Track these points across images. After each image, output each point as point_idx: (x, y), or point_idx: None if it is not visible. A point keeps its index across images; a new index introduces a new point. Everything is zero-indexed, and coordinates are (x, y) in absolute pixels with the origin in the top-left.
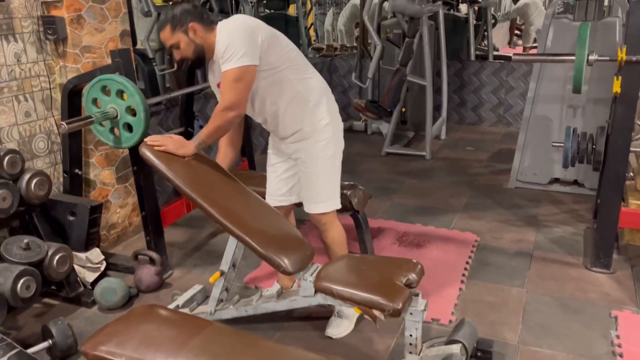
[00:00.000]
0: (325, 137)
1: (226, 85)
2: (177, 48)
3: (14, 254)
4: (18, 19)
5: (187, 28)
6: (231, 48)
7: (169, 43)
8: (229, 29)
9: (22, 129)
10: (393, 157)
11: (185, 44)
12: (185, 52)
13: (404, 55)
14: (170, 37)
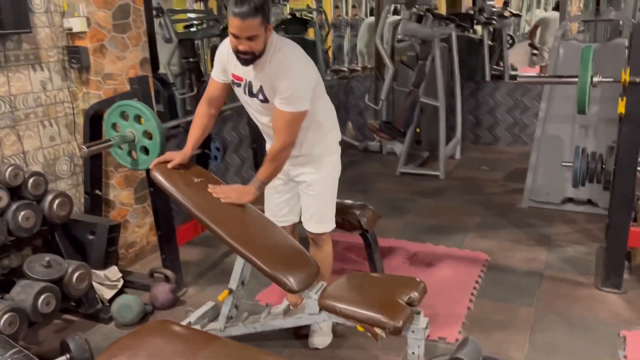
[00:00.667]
0: (332, 161)
1: (283, 126)
2: (252, 40)
3: (35, 272)
4: (44, 49)
5: (267, 25)
6: (296, 92)
7: (251, 33)
8: (298, 68)
9: (46, 152)
10: (407, 177)
11: (261, 40)
12: (257, 47)
13: (417, 77)
14: (255, 29)
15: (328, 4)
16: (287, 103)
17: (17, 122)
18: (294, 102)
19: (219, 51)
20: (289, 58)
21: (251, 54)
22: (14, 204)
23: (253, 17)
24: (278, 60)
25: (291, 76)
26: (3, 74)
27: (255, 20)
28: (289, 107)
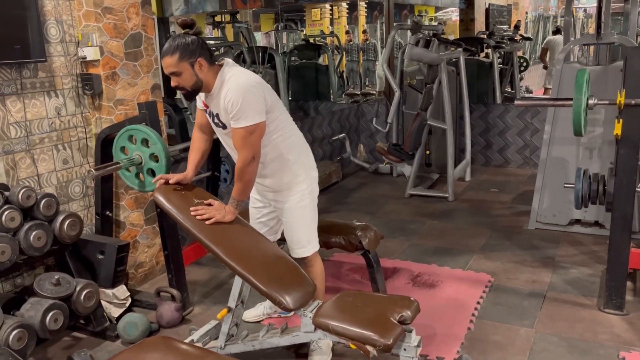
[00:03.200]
0: (300, 190)
1: (240, 142)
2: (177, 76)
3: (45, 289)
4: (59, 76)
5: (194, 61)
6: (243, 107)
7: (172, 70)
8: (240, 87)
9: (60, 174)
10: (416, 199)
11: (188, 75)
12: (185, 82)
13: (424, 100)
14: (175, 65)
15: (342, 29)
16: (237, 119)
17: (32, 146)
18: (242, 117)
19: None
20: (234, 81)
21: (183, 89)
22: (26, 224)
23: (170, 55)
24: (225, 87)
25: (236, 95)
26: (19, 101)
27: (173, 58)
28: (240, 123)
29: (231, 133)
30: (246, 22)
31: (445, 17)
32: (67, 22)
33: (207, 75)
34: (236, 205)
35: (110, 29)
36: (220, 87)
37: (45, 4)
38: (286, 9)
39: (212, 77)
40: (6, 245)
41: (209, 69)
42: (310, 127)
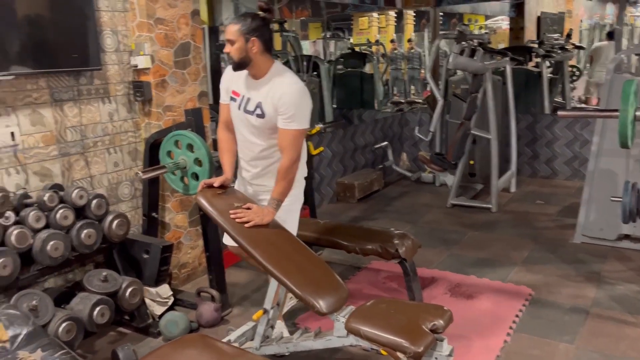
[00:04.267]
0: (294, 193)
1: (289, 143)
2: (231, 44)
3: (93, 285)
4: (113, 84)
5: (249, 38)
6: (299, 111)
7: (229, 37)
8: (300, 90)
9: (110, 177)
10: (458, 209)
11: (239, 47)
12: (235, 52)
13: (468, 109)
14: (233, 34)
15: (389, 37)
16: (291, 121)
17: (86, 149)
18: (296, 120)
19: (224, 76)
20: (291, 82)
21: (231, 59)
22: (78, 222)
23: (234, 24)
24: (279, 81)
25: (294, 97)
26: (76, 106)
27: (234, 27)
28: (292, 125)
29: (267, 124)
30: (294, 31)
31: (495, 25)
32: (122, 32)
33: (258, 58)
34: (275, 206)
35: (161, 39)
36: (272, 79)
37: (102, 15)
38: (334, 18)
39: (264, 63)
40: (60, 242)
41: (261, 53)
42: (352, 134)
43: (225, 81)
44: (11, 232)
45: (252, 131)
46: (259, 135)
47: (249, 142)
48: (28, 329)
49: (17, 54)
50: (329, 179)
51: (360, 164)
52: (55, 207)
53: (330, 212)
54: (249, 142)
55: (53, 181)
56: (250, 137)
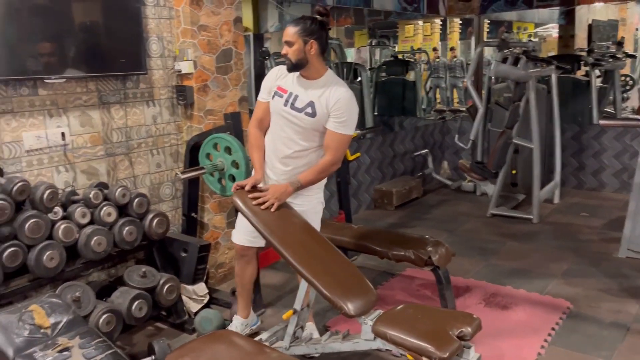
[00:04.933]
0: (318, 197)
1: (337, 144)
2: (289, 45)
3: (133, 280)
4: (157, 88)
5: (308, 40)
6: (352, 117)
7: (287, 38)
8: (353, 99)
9: (152, 177)
10: (498, 219)
11: (297, 49)
12: (292, 54)
13: (510, 118)
14: (292, 36)
15: (433, 45)
16: (343, 125)
17: (131, 150)
18: (348, 127)
19: (270, 74)
20: (347, 90)
21: (289, 60)
22: (120, 219)
23: (293, 26)
24: (335, 86)
25: (350, 104)
26: (122, 109)
27: (293, 29)
28: (343, 129)
29: (314, 124)
30: (337, 39)
31: (545, 33)
32: (167, 38)
33: (314, 60)
34: (296, 186)
35: (204, 45)
36: (328, 82)
37: (149, 22)
38: (379, 26)
39: (319, 65)
40: (103, 238)
41: (318, 55)
42: (392, 141)
43: (270, 79)
44: (59, 227)
45: (296, 129)
46: (300, 134)
47: (287, 139)
48: (68, 317)
49: (71, 58)
50: (366, 185)
51: (399, 171)
52: (100, 205)
53: (367, 218)
54: (287, 139)
55: (99, 180)
56: (291, 134)
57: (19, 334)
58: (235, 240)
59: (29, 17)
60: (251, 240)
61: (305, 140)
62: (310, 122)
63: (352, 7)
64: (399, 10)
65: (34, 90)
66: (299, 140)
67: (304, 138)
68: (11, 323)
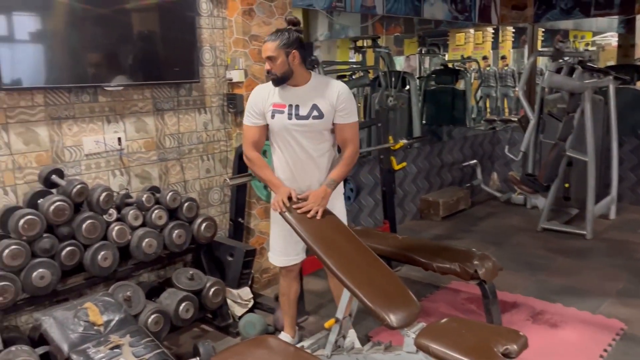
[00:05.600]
0: (342, 197)
1: (352, 133)
2: (272, 61)
3: (181, 282)
4: (209, 96)
5: (290, 52)
6: (354, 105)
7: (269, 54)
8: (349, 89)
9: (202, 182)
10: (549, 234)
11: (281, 62)
12: (277, 68)
13: (564, 129)
14: (273, 50)
15: (486, 53)
16: (350, 115)
17: (182, 156)
18: (354, 114)
19: (252, 98)
20: (339, 82)
21: (274, 75)
22: (170, 223)
23: (272, 41)
24: (327, 83)
25: (349, 94)
26: (175, 116)
27: (273, 43)
28: (352, 118)
29: (323, 124)
30: (387, 47)
31: (603, 42)
32: (219, 48)
33: (298, 68)
34: (333, 186)
35: (254, 54)
36: (318, 83)
37: (203, 32)
38: (430, 34)
39: (304, 71)
40: (153, 240)
41: (300, 64)
42: (440, 151)
43: (259, 101)
44: (113, 228)
45: (308, 136)
46: (313, 139)
47: (301, 149)
48: (120, 316)
49: (129, 66)
50: (412, 195)
51: (446, 181)
52: (152, 208)
53: (412, 228)
54: (301, 149)
55: (151, 183)
56: (304, 142)
57: (74, 330)
58: (275, 262)
59: (91, 27)
60: (295, 258)
61: (320, 142)
62: (320, 124)
63: (402, 16)
64: (450, 20)
65: (94, 97)
66: (315, 145)
67: (319, 141)
68: (67, 319)
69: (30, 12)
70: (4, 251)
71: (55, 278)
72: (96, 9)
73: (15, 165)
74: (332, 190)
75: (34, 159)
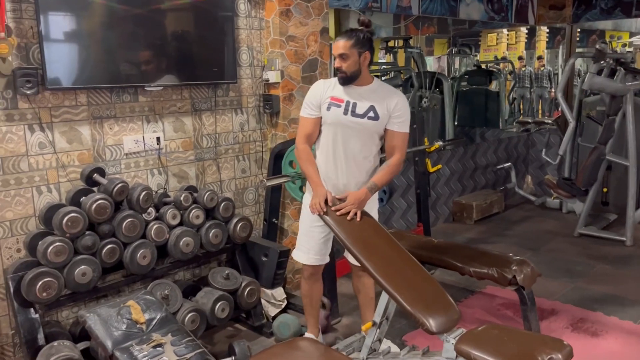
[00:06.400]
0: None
1: (402, 143)
2: (343, 59)
3: (216, 281)
4: (246, 96)
5: (362, 52)
6: (409, 116)
7: (342, 51)
8: (407, 102)
9: (238, 182)
10: (586, 239)
11: (353, 61)
12: (348, 67)
13: (604, 133)
14: (346, 48)
15: (518, 54)
16: (404, 125)
17: (219, 156)
18: (407, 125)
19: (312, 90)
20: (399, 92)
21: (343, 72)
22: (207, 222)
23: (346, 39)
24: (389, 90)
25: (407, 105)
26: (212, 116)
27: (348, 42)
28: (404, 128)
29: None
30: (418, 47)
31: None
32: (256, 48)
33: (365, 69)
34: (373, 189)
35: (291, 55)
36: (379, 87)
37: (240, 33)
38: (461, 34)
39: (368, 75)
40: (191, 239)
41: (367, 65)
42: (473, 153)
43: (318, 93)
44: (151, 227)
45: (359, 135)
46: (362, 139)
47: (348, 147)
48: (161, 315)
49: (169, 67)
50: (445, 197)
51: (479, 184)
52: (189, 207)
53: (445, 231)
54: (348, 147)
55: (188, 183)
56: (353, 140)
57: (118, 327)
58: (304, 260)
59: (132, 28)
60: (320, 258)
61: (368, 145)
62: (373, 125)
63: (437, 17)
64: (486, 20)
65: (134, 97)
66: (362, 147)
67: (367, 143)
68: (110, 316)
69: (73, 14)
70: (49, 248)
71: (96, 275)
72: (137, 10)
73: (58, 163)
74: (372, 195)
75: (76, 157)
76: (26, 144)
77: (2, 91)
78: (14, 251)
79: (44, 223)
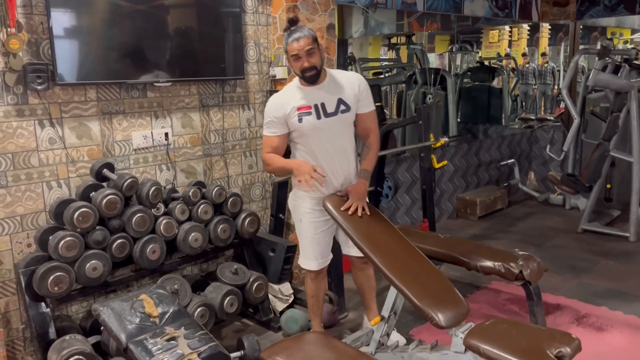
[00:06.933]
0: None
1: (374, 121)
2: (310, 55)
3: (225, 276)
4: (252, 92)
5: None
6: (370, 92)
7: (309, 47)
8: (365, 80)
9: (245, 178)
10: (590, 235)
11: (318, 55)
12: (317, 61)
13: (608, 129)
14: (311, 44)
15: (520, 51)
16: (370, 103)
17: (226, 152)
18: (371, 102)
19: (271, 108)
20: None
21: (314, 69)
22: (215, 217)
23: (307, 37)
24: (344, 76)
25: (365, 82)
26: (220, 112)
27: (308, 38)
28: (372, 106)
29: (352, 116)
30: (421, 44)
31: None
32: (264, 44)
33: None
34: (368, 177)
35: None
36: (333, 77)
37: (247, 29)
38: (463, 31)
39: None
40: (199, 234)
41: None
42: (477, 150)
43: (279, 111)
44: (161, 222)
45: (339, 131)
46: (343, 133)
47: (333, 146)
48: (174, 308)
49: (177, 63)
50: (449, 193)
51: (483, 180)
52: (198, 202)
53: (449, 227)
54: (333, 146)
55: (196, 179)
56: (336, 138)
57: (131, 321)
58: (314, 267)
59: (141, 24)
60: (327, 259)
61: (349, 134)
62: (349, 116)
63: (441, 13)
64: (490, 16)
65: (143, 93)
66: (344, 139)
67: (348, 133)
68: (124, 310)
69: (83, 10)
70: (60, 242)
71: (106, 269)
72: (145, 6)
73: (68, 158)
74: (368, 181)
75: (85, 152)
76: (36, 139)
77: (13, 86)
78: (25, 246)
79: (54, 218)
